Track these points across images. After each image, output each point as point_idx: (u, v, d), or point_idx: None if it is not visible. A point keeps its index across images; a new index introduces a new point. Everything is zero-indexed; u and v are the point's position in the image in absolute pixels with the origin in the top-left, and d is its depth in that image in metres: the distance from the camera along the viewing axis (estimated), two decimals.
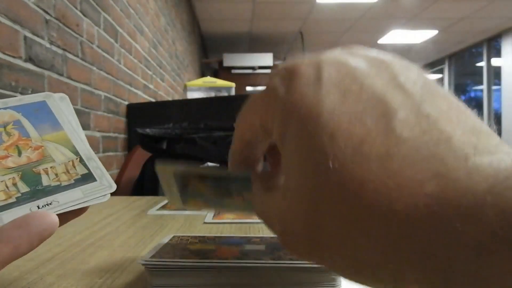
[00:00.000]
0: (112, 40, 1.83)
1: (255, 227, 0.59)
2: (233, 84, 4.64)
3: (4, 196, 0.26)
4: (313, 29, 5.35)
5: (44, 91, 0.28)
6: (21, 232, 0.21)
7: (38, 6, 1.17)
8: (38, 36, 1.17)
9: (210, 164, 1.35)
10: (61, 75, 1.32)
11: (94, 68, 1.61)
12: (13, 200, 0.26)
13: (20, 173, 0.27)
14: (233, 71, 5.44)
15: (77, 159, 0.30)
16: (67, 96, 0.33)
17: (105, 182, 0.29)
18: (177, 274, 0.33)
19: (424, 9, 4.54)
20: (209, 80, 4.68)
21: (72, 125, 0.32)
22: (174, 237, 0.43)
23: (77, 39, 1.44)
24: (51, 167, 0.28)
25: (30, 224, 0.22)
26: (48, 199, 0.27)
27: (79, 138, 0.31)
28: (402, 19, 4.92)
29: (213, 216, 0.67)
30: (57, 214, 0.24)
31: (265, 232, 0.57)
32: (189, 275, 0.33)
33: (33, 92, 1.14)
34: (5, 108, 0.31)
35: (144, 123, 1.42)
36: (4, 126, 0.30)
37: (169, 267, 0.33)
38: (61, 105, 0.32)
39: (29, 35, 1.12)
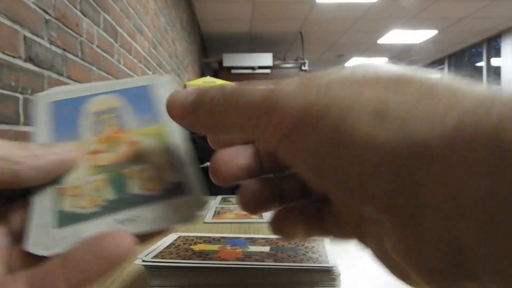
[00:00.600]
0: (112, 40, 1.83)
1: (255, 227, 0.59)
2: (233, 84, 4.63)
3: (89, 203, 0.22)
4: (313, 29, 5.34)
5: (44, 91, 0.25)
6: (92, 256, 0.18)
7: (38, 6, 1.17)
8: (38, 36, 1.17)
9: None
10: (61, 75, 1.32)
11: (94, 68, 1.60)
12: (97, 209, 0.22)
13: (109, 174, 0.23)
14: (233, 71, 5.43)
15: (170, 163, 0.24)
16: (173, 79, 0.29)
17: (198, 196, 0.23)
18: (176, 274, 0.33)
19: (424, 9, 4.54)
20: (209, 80, 4.68)
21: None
22: (179, 237, 0.43)
23: (77, 39, 1.44)
24: (140, 170, 0.24)
25: (102, 248, 0.18)
26: (133, 213, 0.22)
27: (177, 135, 0.25)
28: (402, 19, 4.92)
29: (213, 216, 0.67)
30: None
31: (269, 232, 0.57)
32: (187, 275, 0.33)
33: (33, 92, 1.14)
34: (108, 93, 0.27)
35: None
36: (104, 114, 0.26)
37: (167, 267, 0.33)
38: (166, 91, 0.27)
39: (29, 35, 1.12)
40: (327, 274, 0.33)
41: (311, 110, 0.18)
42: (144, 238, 0.22)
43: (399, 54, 6.53)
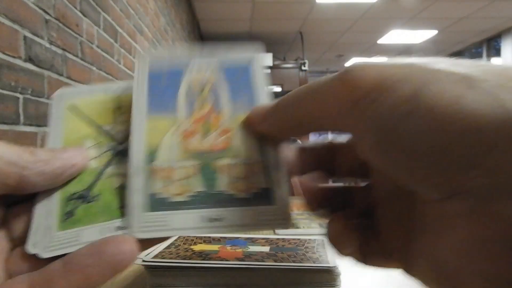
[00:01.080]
0: (112, 40, 1.83)
1: None
2: None
3: (179, 191, 0.22)
4: (313, 29, 5.34)
5: (44, 91, 0.24)
6: (95, 261, 0.18)
7: (37, 6, 1.17)
8: (37, 36, 1.17)
9: None
10: (61, 75, 1.32)
11: (94, 68, 1.60)
12: (186, 199, 0.22)
13: (201, 162, 0.23)
14: None
15: (263, 164, 0.23)
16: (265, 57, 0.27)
17: (284, 208, 0.22)
18: (176, 274, 0.33)
19: (424, 9, 4.54)
20: None
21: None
22: (179, 237, 0.43)
23: (76, 39, 1.44)
24: (231, 166, 0.23)
25: (106, 252, 0.19)
26: (219, 212, 0.22)
27: None
28: (402, 19, 4.92)
29: None
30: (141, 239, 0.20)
31: (268, 232, 0.57)
32: (187, 275, 0.33)
33: (33, 93, 1.14)
34: (210, 59, 0.25)
35: None
36: (200, 89, 0.24)
37: (167, 267, 0.33)
38: (262, 74, 0.25)
39: (29, 35, 1.12)
40: (327, 274, 0.33)
41: (390, 74, 0.17)
42: (147, 243, 0.21)
43: (399, 54, 6.53)
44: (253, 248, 0.38)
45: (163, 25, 3.13)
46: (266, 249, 0.38)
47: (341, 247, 0.22)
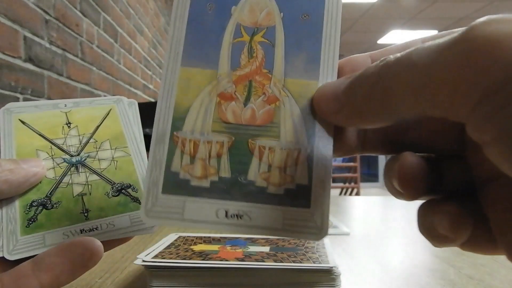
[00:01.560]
0: (111, 40, 1.83)
1: None
2: None
3: (202, 172, 0.19)
4: None
5: (44, 91, 0.25)
6: (63, 260, 0.20)
7: (37, 6, 1.17)
8: (37, 36, 1.17)
9: None
10: (61, 75, 1.32)
11: (94, 68, 1.60)
12: (206, 184, 0.19)
13: (234, 138, 0.19)
14: None
15: (307, 154, 0.19)
16: None
17: (321, 213, 0.18)
18: (176, 274, 0.33)
19: (424, 9, 4.54)
20: None
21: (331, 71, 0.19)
22: (179, 237, 0.43)
23: (76, 39, 1.44)
24: (270, 148, 0.19)
25: (73, 252, 0.20)
26: (244, 207, 0.18)
27: None
28: (402, 19, 4.92)
29: None
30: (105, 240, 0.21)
31: None
32: (187, 275, 0.33)
33: (33, 93, 1.14)
34: None
35: (144, 123, 1.41)
36: (253, 33, 0.20)
37: (167, 267, 0.33)
38: (337, 19, 0.20)
39: (29, 35, 1.12)
40: (327, 275, 0.33)
41: None
42: (112, 243, 0.24)
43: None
44: (253, 248, 0.38)
45: (163, 25, 3.13)
46: (266, 249, 0.38)
47: (457, 238, 0.17)
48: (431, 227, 0.18)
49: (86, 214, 0.24)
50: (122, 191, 0.25)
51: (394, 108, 0.16)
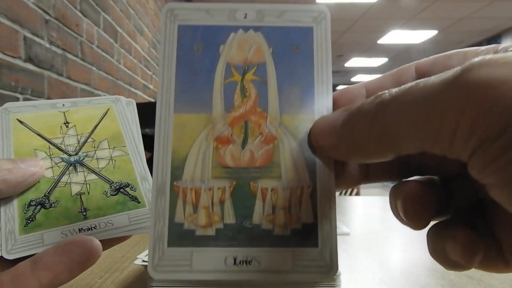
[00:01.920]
0: (111, 40, 1.83)
1: None
2: None
3: (206, 220, 0.18)
4: None
5: (44, 91, 0.25)
6: (62, 259, 0.20)
7: (37, 6, 1.17)
8: (37, 36, 1.17)
9: None
10: (61, 75, 1.32)
11: (94, 68, 1.60)
12: (211, 232, 0.18)
13: (234, 183, 0.19)
14: None
15: (311, 188, 0.19)
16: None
17: (330, 250, 0.18)
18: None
19: (424, 9, 4.54)
20: None
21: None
22: None
23: (76, 39, 1.44)
24: (273, 189, 0.18)
25: (71, 252, 0.20)
26: (251, 253, 0.18)
27: None
28: (402, 19, 4.92)
29: None
30: (102, 239, 0.21)
31: None
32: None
33: (33, 93, 1.14)
34: (256, 29, 0.19)
35: (144, 123, 1.41)
36: (244, 71, 0.19)
37: None
38: (326, 47, 0.19)
39: (29, 35, 1.12)
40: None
41: None
42: (110, 242, 0.24)
43: (399, 54, 6.53)
44: None
45: None
46: None
47: (470, 264, 0.17)
48: (443, 253, 0.18)
49: (84, 213, 0.24)
50: (121, 190, 0.25)
51: (393, 144, 0.16)
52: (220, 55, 0.19)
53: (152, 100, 2.63)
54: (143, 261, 0.33)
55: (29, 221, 0.23)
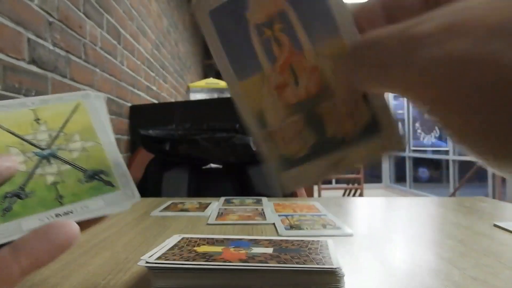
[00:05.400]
0: (115, 42, 1.84)
1: (258, 228, 0.59)
2: None
3: (298, 147, 0.23)
4: None
5: (47, 93, 0.26)
6: (42, 243, 0.21)
7: (41, 8, 1.17)
8: (41, 38, 1.17)
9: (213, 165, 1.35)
10: (64, 76, 1.32)
11: (97, 70, 1.61)
12: (305, 152, 0.23)
13: (303, 113, 0.23)
14: None
15: (360, 92, 0.22)
16: None
17: (394, 130, 0.22)
18: (179, 275, 0.33)
19: None
20: (212, 81, 4.68)
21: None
22: (183, 238, 0.43)
23: (80, 41, 1.44)
24: (331, 108, 0.23)
25: (50, 234, 0.21)
26: (338, 155, 0.23)
27: None
28: None
29: (216, 217, 0.67)
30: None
31: (272, 233, 0.57)
32: (191, 276, 0.33)
33: (37, 94, 1.14)
34: None
35: (147, 124, 1.42)
36: (271, 25, 0.22)
37: (171, 268, 0.33)
38: None
39: (33, 37, 1.13)
40: (331, 276, 0.33)
41: None
42: (88, 224, 0.24)
43: None
44: (256, 250, 0.38)
45: (166, 26, 3.14)
46: (269, 250, 0.38)
47: None
48: None
49: (60, 200, 0.24)
50: (95, 176, 0.26)
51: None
52: (249, 21, 0.22)
53: (155, 101, 2.63)
54: (147, 262, 0.33)
55: (6, 212, 0.23)
